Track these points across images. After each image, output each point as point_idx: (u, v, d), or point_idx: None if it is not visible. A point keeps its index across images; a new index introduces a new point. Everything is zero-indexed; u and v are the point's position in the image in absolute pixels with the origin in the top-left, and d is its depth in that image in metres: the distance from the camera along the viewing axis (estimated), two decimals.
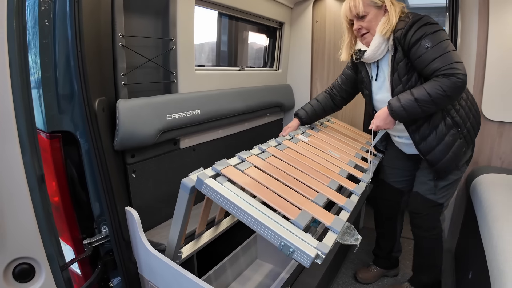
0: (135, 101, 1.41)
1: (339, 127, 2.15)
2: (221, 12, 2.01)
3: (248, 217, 1.02)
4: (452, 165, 1.53)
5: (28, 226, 0.93)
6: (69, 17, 1.07)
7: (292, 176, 1.30)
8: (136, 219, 1.32)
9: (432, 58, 1.34)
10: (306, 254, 0.92)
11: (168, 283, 1.28)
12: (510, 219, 1.39)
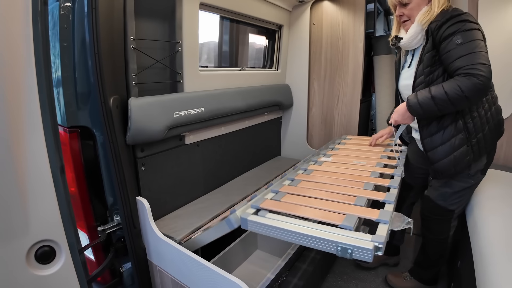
0: (145, 99, 1.52)
1: (356, 140, 2.22)
2: (223, 16, 2.11)
3: (299, 236, 1.07)
4: (450, 169, 1.51)
5: (51, 211, 1.02)
6: (87, 21, 1.18)
7: (327, 191, 1.35)
8: (147, 208, 1.43)
9: (459, 55, 1.31)
10: (365, 249, 0.95)
11: (177, 266, 1.38)
12: (493, 208, 1.50)
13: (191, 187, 1.94)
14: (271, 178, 2.31)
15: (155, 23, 1.60)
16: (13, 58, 0.86)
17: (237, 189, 2.11)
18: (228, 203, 1.90)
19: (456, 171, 1.51)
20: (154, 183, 1.69)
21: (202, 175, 2.01)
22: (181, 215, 1.78)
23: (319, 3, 2.51)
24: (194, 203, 1.94)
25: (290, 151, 2.85)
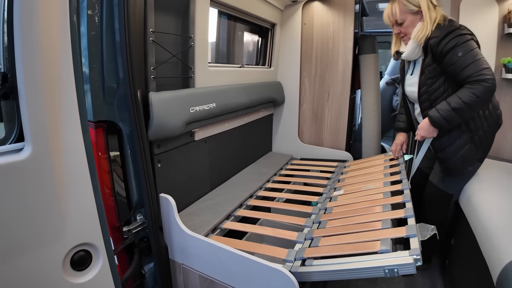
0: (164, 94, 1.49)
1: (355, 165, 2.35)
2: (222, 13, 2.11)
3: (349, 272, 1.16)
4: (459, 165, 1.69)
5: (89, 211, 0.97)
6: (119, 10, 1.14)
7: (354, 224, 1.44)
8: (172, 204, 1.40)
9: (464, 65, 1.48)
10: (407, 265, 1.07)
11: (207, 262, 1.37)
12: (484, 189, 1.67)
13: (200, 183, 1.92)
14: (271, 174, 2.35)
15: (171, 17, 1.58)
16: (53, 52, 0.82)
17: (241, 185, 2.12)
18: (237, 199, 1.91)
19: (463, 166, 1.70)
20: (168, 180, 1.65)
21: (209, 171, 2.00)
22: (194, 212, 1.76)
23: (311, 3, 2.60)
24: (204, 199, 1.92)
25: (282, 146, 2.91)
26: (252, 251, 1.40)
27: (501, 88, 2.28)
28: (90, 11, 1.09)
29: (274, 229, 1.64)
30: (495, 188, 1.67)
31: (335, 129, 2.74)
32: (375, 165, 2.18)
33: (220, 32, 2.21)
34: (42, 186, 0.84)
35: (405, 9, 1.64)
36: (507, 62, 2.19)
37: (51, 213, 0.86)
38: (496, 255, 1.18)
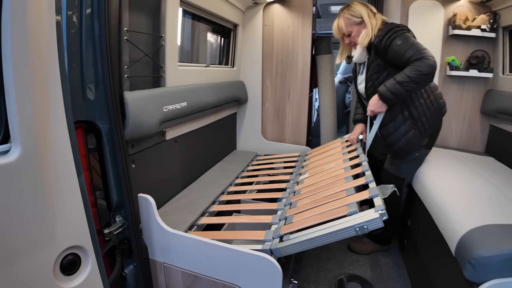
0: (139, 93, 1.48)
1: (315, 152, 2.50)
2: (187, 13, 2.12)
3: (324, 237, 1.25)
4: (405, 149, 1.89)
5: (78, 214, 0.96)
6: (99, 9, 1.12)
7: (322, 197, 1.55)
8: (152, 204, 1.40)
9: (404, 50, 1.67)
10: (375, 220, 1.18)
11: (190, 258, 1.39)
12: (435, 173, 1.89)
13: (172, 183, 1.92)
14: (239, 170, 2.41)
15: (143, 16, 1.56)
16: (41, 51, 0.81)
17: (213, 183, 2.16)
18: (210, 196, 1.94)
19: (409, 150, 1.91)
20: (142, 180, 1.63)
21: (180, 170, 2.00)
22: (170, 211, 1.76)
23: (271, 5, 2.70)
24: (177, 198, 1.92)
25: (246, 144, 2.98)
26: (232, 239, 1.46)
27: (446, 84, 2.57)
28: (70, 10, 1.06)
29: (249, 216, 1.70)
30: (444, 172, 1.90)
31: (296, 126, 2.88)
32: (333, 148, 2.34)
33: (185, 32, 2.21)
34: (33, 189, 0.82)
35: (350, 22, 1.88)
36: (451, 60, 2.47)
37: (42, 216, 0.84)
38: (452, 228, 1.36)
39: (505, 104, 2.24)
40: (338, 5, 3.93)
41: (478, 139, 2.63)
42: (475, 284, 1.18)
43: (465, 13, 2.42)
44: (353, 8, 1.87)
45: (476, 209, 1.44)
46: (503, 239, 1.19)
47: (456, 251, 1.29)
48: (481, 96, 2.56)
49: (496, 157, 2.34)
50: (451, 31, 2.45)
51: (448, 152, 2.34)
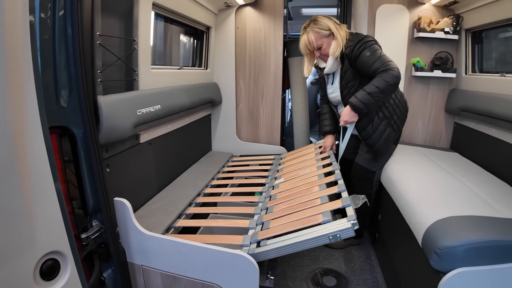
0: (112, 97, 1.48)
1: (290, 156, 2.57)
2: (159, 16, 2.12)
3: (299, 244, 1.32)
4: (384, 147, 2.06)
5: (56, 218, 0.96)
6: (72, 14, 1.12)
7: (297, 204, 1.63)
8: (128, 207, 1.41)
9: (372, 61, 1.82)
10: (347, 229, 1.28)
11: (168, 259, 1.41)
12: (402, 169, 2.01)
13: (147, 186, 1.92)
14: (214, 172, 2.44)
15: (116, 20, 1.56)
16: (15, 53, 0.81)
17: (189, 185, 2.17)
18: (186, 198, 1.96)
19: (388, 147, 2.08)
20: (117, 184, 1.63)
21: (155, 173, 2.00)
22: (146, 214, 1.77)
23: (243, 8, 2.74)
24: (153, 201, 1.92)
25: (221, 145, 3.01)
26: (209, 243, 1.49)
27: (411, 84, 2.71)
28: (43, 14, 1.05)
29: (227, 220, 1.74)
30: (411, 168, 2.02)
31: (270, 126, 2.95)
32: (307, 153, 2.43)
33: (157, 35, 2.21)
34: (11, 195, 0.82)
35: (320, 35, 1.96)
36: (416, 62, 2.60)
37: (20, 222, 0.84)
38: (418, 221, 1.46)
39: (468, 102, 2.38)
40: (308, 7, 4.04)
41: (443, 136, 2.79)
42: (442, 272, 1.25)
43: (429, 16, 2.55)
44: (320, 21, 1.96)
45: (440, 202, 1.54)
46: (466, 230, 1.27)
47: (423, 242, 1.38)
48: (445, 95, 2.72)
49: (460, 153, 2.50)
50: (416, 33, 2.58)
51: (414, 149, 2.48)
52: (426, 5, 2.59)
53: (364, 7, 2.62)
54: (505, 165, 1.95)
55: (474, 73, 2.51)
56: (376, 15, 2.60)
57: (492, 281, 1.22)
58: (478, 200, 1.56)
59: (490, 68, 2.42)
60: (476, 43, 2.49)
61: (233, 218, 1.82)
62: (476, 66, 2.51)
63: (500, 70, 2.25)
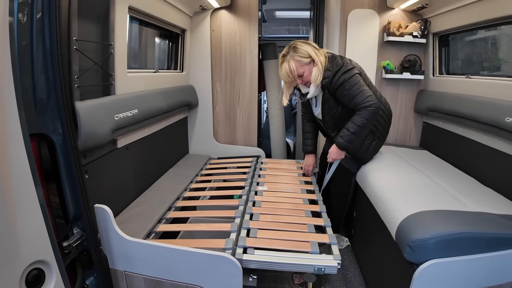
0: (90, 102, 1.46)
1: (271, 164, 2.64)
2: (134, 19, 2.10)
3: (287, 265, 1.42)
4: (371, 155, 2.20)
5: (39, 228, 0.96)
6: (50, 20, 1.10)
7: (283, 222, 1.71)
8: (109, 214, 1.39)
9: (352, 97, 1.88)
10: (332, 268, 1.41)
11: (151, 264, 1.41)
12: (376, 167, 2.11)
13: (126, 191, 1.90)
14: (193, 175, 2.44)
15: (92, 25, 1.54)
16: None
17: (168, 189, 2.17)
18: (165, 202, 1.96)
19: (375, 154, 2.22)
20: (96, 191, 1.61)
21: (133, 178, 1.99)
22: (126, 220, 1.75)
23: (218, 11, 2.76)
24: (131, 206, 1.91)
25: (199, 148, 3.01)
26: (191, 247, 1.50)
27: (382, 86, 2.83)
28: (21, 19, 1.03)
29: (208, 224, 1.76)
30: (383, 166, 2.13)
31: (247, 128, 2.98)
32: (289, 169, 2.52)
33: (132, 38, 2.19)
34: None
35: (300, 64, 1.94)
36: (386, 64, 2.72)
37: (4, 232, 0.83)
38: (392, 216, 1.55)
39: (436, 103, 2.53)
40: (282, 10, 4.12)
41: (413, 134, 2.94)
42: (415, 264, 1.33)
43: (399, 21, 2.68)
44: (300, 49, 1.93)
45: (412, 198, 1.63)
46: (436, 223, 1.37)
47: (396, 236, 1.46)
48: (414, 96, 2.86)
49: (429, 150, 2.65)
50: (386, 37, 2.70)
51: (386, 148, 2.60)
52: (395, 10, 2.72)
53: (337, 11, 2.71)
54: (471, 161, 2.09)
55: (441, 75, 2.66)
56: (348, 19, 2.70)
57: (462, 271, 1.32)
58: (447, 195, 1.68)
59: (456, 70, 2.58)
60: (443, 46, 2.64)
61: (213, 221, 1.84)
62: (443, 68, 2.66)
63: (466, 72, 2.40)
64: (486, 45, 2.26)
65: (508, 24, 1.93)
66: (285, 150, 3.29)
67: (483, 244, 1.32)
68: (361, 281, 2.02)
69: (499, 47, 2.15)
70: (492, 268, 1.33)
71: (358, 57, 2.69)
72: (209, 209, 2.01)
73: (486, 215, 1.45)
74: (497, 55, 2.17)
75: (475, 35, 2.32)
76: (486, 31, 2.20)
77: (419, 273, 1.29)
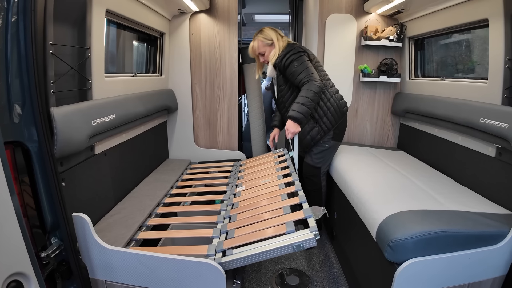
0: (66, 108, 1.42)
1: (250, 163, 2.61)
2: (111, 22, 2.06)
3: (266, 253, 1.37)
4: (310, 143, 2.29)
5: (17, 238, 0.93)
6: (25, 25, 1.07)
7: (260, 213, 1.67)
8: (88, 222, 1.35)
9: (298, 72, 2.10)
10: (310, 240, 1.35)
11: (132, 272, 1.38)
12: (355, 169, 2.16)
13: (104, 198, 1.86)
14: (173, 180, 2.41)
15: (69, 28, 1.50)
16: None
17: (147, 195, 2.13)
18: (145, 209, 1.92)
19: (314, 143, 2.29)
20: (74, 199, 1.56)
21: (112, 185, 1.94)
22: (105, 228, 1.71)
23: (197, 14, 2.75)
24: (110, 214, 1.86)
25: (179, 152, 2.98)
26: (173, 254, 1.48)
27: (360, 89, 2.91)
28: None
29: (189, 230, 1.74)
30: (362, 167, 2.18)
31: (227, 132, 2.98)
32: (267, 162, 2.49)
33: (109, 41, 2.14)
34: None
35: (263, 44, 2.26)
36: (363, 68, 2.80)
37: None
38: (371, 217, 1.58)
39: (412, 105, 2.61)
40: (261, 14, 4.14)
41: (390, 136, 3.03)
42: (396, 264, 1.36)
43: (375, 25, 2.76)
44: (265, 32, 2.26)
45: (390, 199, 1.68)
46: (415, 223, 1.40)
47: (377, 237, 1.50)
48: (391, 99, 2.95)
49: (406, 151, 2.73)
50: (363, 41, 2.77)
51: (364, 149, 2.67)
52: (372, 15, 2.80)
53: (315, 16, 2.77)
54: (447, 161, 2.17)
55: (417, 78, 2.76)
56: (326, 23, 2.75)
57: (442, 269, 1.36)
58: (424, 194, 1.73)
59: (431, 73, 2.68)
60: (418, 50, 2.73)
61: (195, 227, 1.82)
62: (418, 71, 2.76)
63: (441, 74, 2.50)
64: (460, 49, 2.36)
65: (481, 28, 2.01)
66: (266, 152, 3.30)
67: (461, 242, 1.36)
68: (344, 281, 2.06)
69: (472, 50, 2.25)
70: (471, 265, 1.38)
71: (336, 61, 2.78)
72: (191, 215, 1.99)
73: (462, 214, 1.50)
74: (471, 58, 2.26)
75: (450, 38, 2.42)
76: (460, 34, 2.30)
77: (399, 272, 1.33)
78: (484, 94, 1.87)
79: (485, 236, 1.38)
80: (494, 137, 1.70)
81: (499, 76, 1.73)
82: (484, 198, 1.74)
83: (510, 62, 1.66)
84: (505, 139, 1.61)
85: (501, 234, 1.38)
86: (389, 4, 2.45)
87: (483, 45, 2.07)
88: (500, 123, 1.63)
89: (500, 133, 1.63)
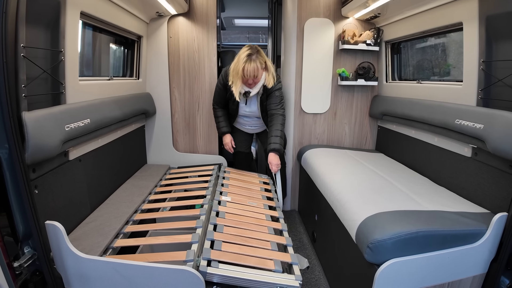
0: (37, 112, 1.37)
1: (234, 175, 2.60)
2: (87, 25, 2.01)
3: (252, 283, 1.37)
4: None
5: None
6: None
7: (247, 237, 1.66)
8: (62, 231, 1.31)
9: (277, 101, 2.46)
10: (294, 287, 1.36)
11: (109, 281, 1.34)
12: (334, 171, 2.19)
13: (79, 206, 1.80)
14: (151, 186, 2.37)
15: (42, 31, 1.45)
16: None
17: (124, 201, 2.08)
18: (122, 216, 1.87)
19: None
20: (47, 207, 1.51)
21: (87, 191, 1.88)
22: (80, 236, 1.65)
23: (175, 18, 2.73)
24: (86, 222, 1.80)
25: (157, 157, 2.93)
26: (151, 261, 1.44)
27: (338, 93, 2.96)
28: None
29: (168, 236, 1.71)
30: (341, 170, 2.22)
31: (207, 136, 2.97)
32: (252, 182, 2.49)
33: (85, 44, 2.09)
34: None
35: (260, 67, 2.32)
36: (341, 72, 2.84)
37: None
38: (351, 218, 1.61)
39: (389, 107, 2.68)
40: (241, 18, 4.16)
41: (369, 138, 3.10)
42: (376, 265, 1.39)
43: (353, 30, 2.81)
44: (261, 56, 2.33)
45: (369, 200, 1.71)
46: (393, 224, 1.43)
47: (356, 238, 1.52)
48: (368, 102, 3.02)
49: (384, 153, 2.80)
50: (341, 45, 2.82)
51: (343, 152, 2.72)
52: (349, 19, 2.86)
53: (293, 20, 2.80)
54: (424, 162, 2.23)
55: (393, 81, 2.84)
56: (305, 28, 2.79)
57: (421, 268, 1.39)
58: (402, 195, 1.78)
59: (407, 76, 2.76)
60: (395, 54, 2.82)
61: (174, 233, 1.79)
62: (395, 75, 2.84)
63: (417, 77, 2.58)
64: (436, 52, 2.44)
65: (456, 31, 2.08)
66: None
67: (439, 241, 1.40)
68: (326, 284, 2.08)
69: (448, 53, 2.33)
70: (451, 264, 1.42)
71: (314, 65, 2.82)
72: (170, 220, 1.95)
73: (440, 213, 1.54)
74: (446, 61, 2.35)
75: (425, 42, 2.50)
76: (436, 38, 2.38)
77: (380, 273, 1.35)
78: (459, 95, 1.93)
79: (464, 235, 1.42)
80: (469, 137, 1.75)
81: (474, 78, 1.78)
82: (462, 197, 1.80)
83: (484, 64, 1.72)
84: (480, 139, 1.65)
85: (479, 232, 1.43)
86: (366, 9, 2.51)
87: (459, 49, 2.14)
88: (475, 124, 1.68)
89: (475, 134, 1.68)
